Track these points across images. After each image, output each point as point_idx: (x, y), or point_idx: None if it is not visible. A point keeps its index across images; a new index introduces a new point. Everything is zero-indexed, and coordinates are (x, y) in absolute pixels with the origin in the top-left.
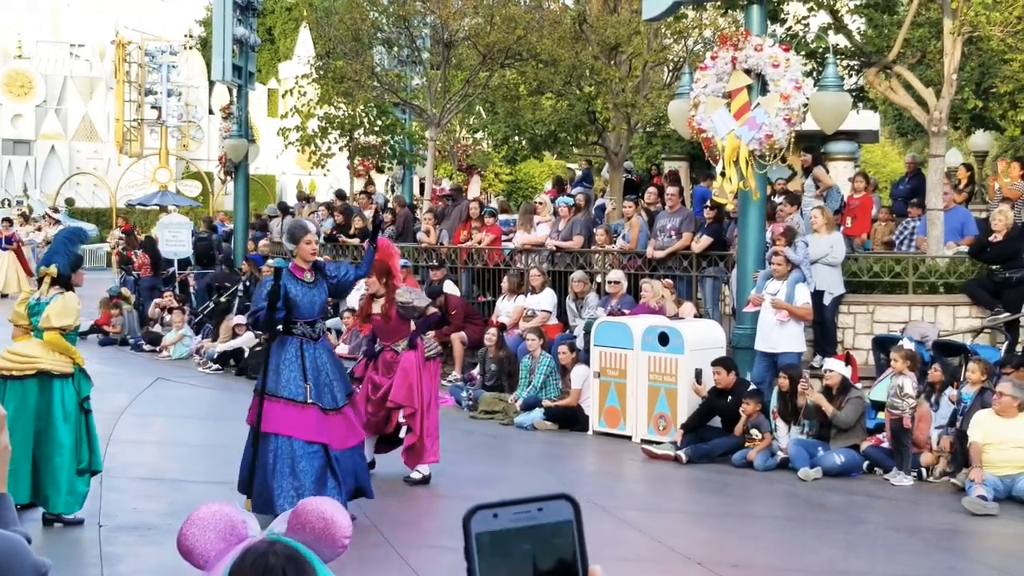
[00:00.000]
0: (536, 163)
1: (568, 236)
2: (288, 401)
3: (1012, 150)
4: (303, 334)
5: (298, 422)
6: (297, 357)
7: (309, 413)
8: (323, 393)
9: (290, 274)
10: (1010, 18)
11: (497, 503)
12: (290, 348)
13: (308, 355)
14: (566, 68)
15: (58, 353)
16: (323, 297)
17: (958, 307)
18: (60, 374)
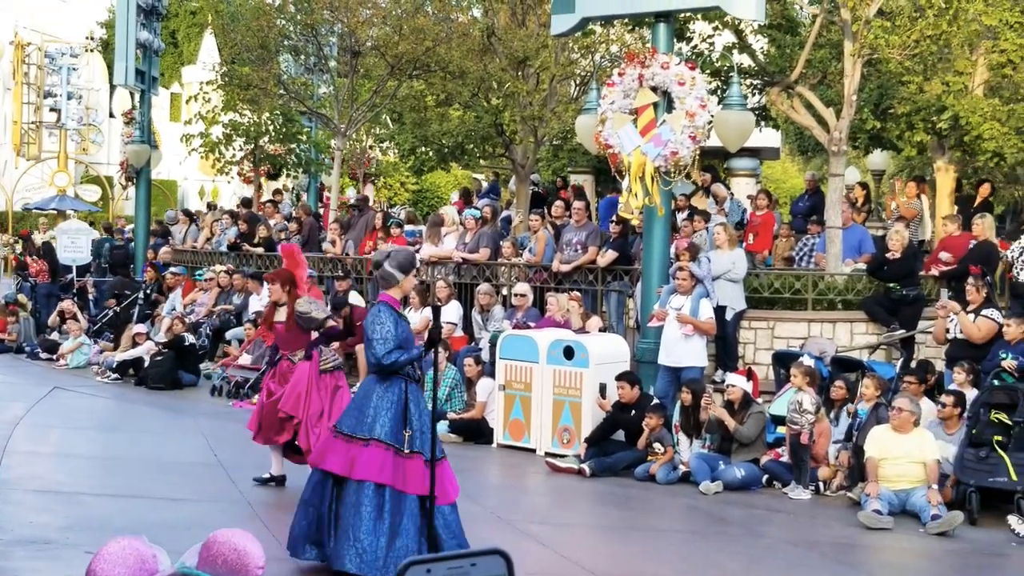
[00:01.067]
0: (443, 174)
1: (475, 248)
2: (379, 443)
3: (908, 170)
4: (408, 375)
5: (389, 467)
6: (400, 399)
7: (398, 459)
8: (427, 442)
9: (391, 308)
10: (908, 41)
11: (430, 558)
12: (393, 389)
13: (412, 396)
14: (474, 80)
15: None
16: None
17: (856, 323)
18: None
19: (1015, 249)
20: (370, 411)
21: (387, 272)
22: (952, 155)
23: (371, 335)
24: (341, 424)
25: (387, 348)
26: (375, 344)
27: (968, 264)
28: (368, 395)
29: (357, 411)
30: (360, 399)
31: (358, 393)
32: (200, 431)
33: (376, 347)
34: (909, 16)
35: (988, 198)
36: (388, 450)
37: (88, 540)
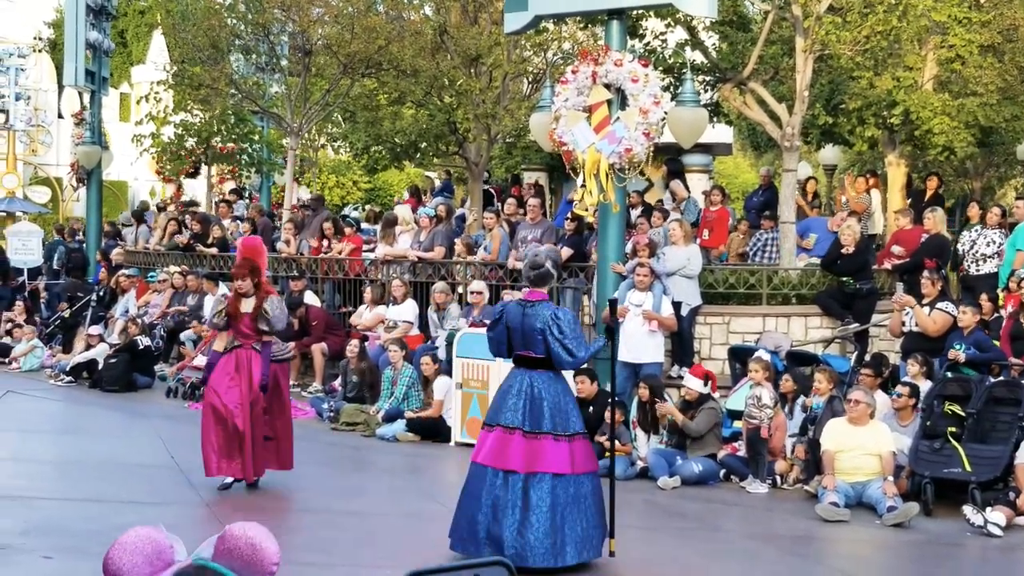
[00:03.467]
0: (396, 172)
1: (429, 247)
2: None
3: (860, 164)
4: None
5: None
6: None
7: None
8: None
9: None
10: (859, 37)
11: (434, 569)
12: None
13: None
14: (427, 79)
15: None
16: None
17: (810, 318)
18: None
19: (966, 242)
20: (567, 408)
21: (548, 272)
22: (903, 149)
23: (570, 334)
24: (537, 424)
25: (584, 346)
26: (572, 342)
27: (922, 257)
28: (565, 392)
29: (552, 409)
30: (555, 398)
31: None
32: (156, 433)
33: (575, 346)
34: (859, 12)
35: (938, 191)
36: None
37: (46, 545)
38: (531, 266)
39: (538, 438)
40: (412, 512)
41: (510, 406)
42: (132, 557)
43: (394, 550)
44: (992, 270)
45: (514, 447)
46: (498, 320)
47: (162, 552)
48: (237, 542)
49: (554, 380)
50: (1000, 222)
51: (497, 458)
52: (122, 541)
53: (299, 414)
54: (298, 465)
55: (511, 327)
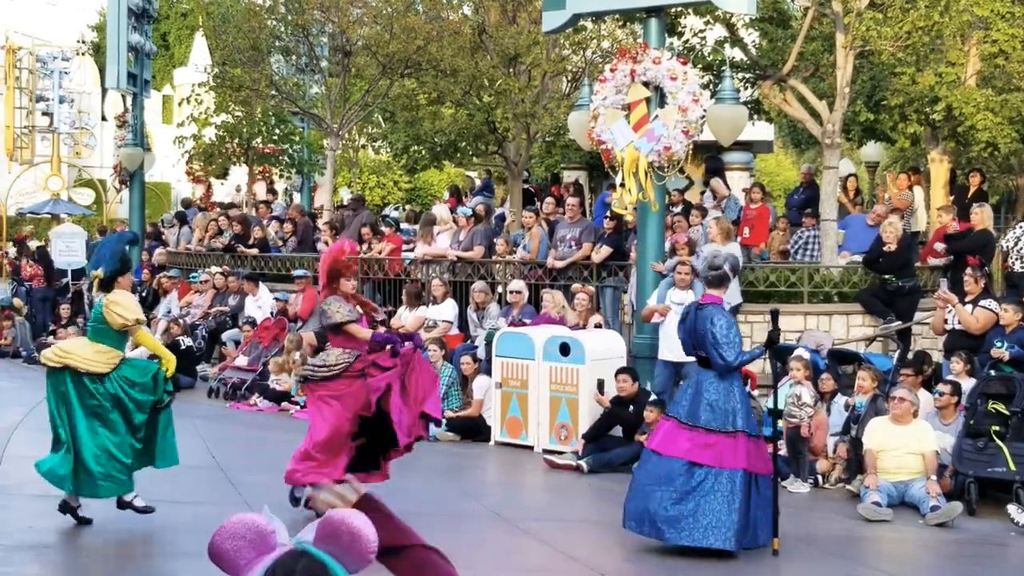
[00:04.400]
0: (436, 172)
1: (469, 246)
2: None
3: (902, 161)
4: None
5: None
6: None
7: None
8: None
9: (719, 305)
10: (900, 33)
11: None
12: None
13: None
14: (466, 78)
15: (99, 351)
16: None
17: (852, 316)
18: (86, 372)
19: (1010, 239)
20: (734, 405)
21: (724, 274)
22: (946, 146)
23: (722, 339)
24: (698, 419)
25: (736, 351)
26: (724, 348)
27: (967, 253)
28: (730, 392)
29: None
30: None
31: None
32: (198, 433)
33: (726, 351)
34: (901, 7)
35: (981, 188)
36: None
37: (87, 545)
38: (709, 267)
39: (695, 431)
40: (454, 513)
41: (678, 399)
42: (234, 542)
43: (446, 551)
44: None
45: (680, 437)
46: (683, 320)
47: (265, 537)
48: (337, 528)
49: (720, 379)
50: None
51: (663, 445)
52: (224, 527)
53: None
54: None
55: (687, 328)
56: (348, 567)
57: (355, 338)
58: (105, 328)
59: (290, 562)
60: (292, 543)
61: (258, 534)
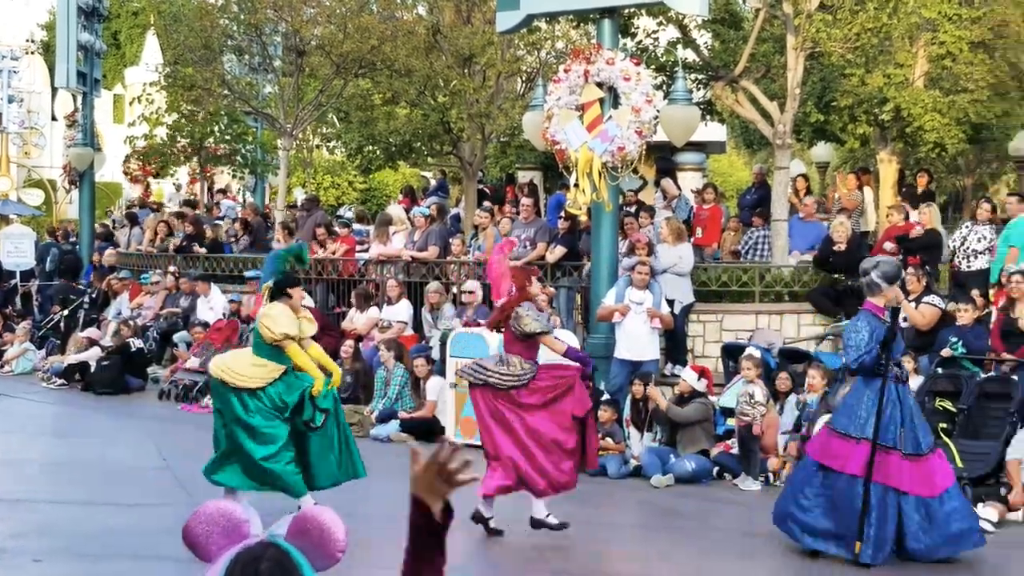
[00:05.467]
0: (390, 172)
1: (423, 247)
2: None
3: (852, 161)
4: (896, 376)
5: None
6: (892, 401)
7: (891, 458)
8: (911, 437)
9: (871, 316)
10: (849, 34)
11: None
12: (879, 389)
13: (903, 399)
14: (420, 78)
15: (256, 365)
16: (900, 338)
17: (802, 315)
18: (232, 386)
19: (957, 238)
20: (862, 412)
21: (872, 281)
22: (894, 146)
23: (846, 342)
24: (836, 424)
25: (855, 356)
26: (849, 351)
27: (916, 252)
28: (859, 397)
29: (850, 411)
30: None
31: (851, 396)
32: (148, 436)
33: (849, 353)
34: (850, 9)
35: (929, 188)
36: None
37: (40, 547)
38: (862, 273)
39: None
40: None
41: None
42: (207, 527)
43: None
44: (983, 266)
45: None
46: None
47: (238, 526)
48: (309, 524)
49: (860, 384)
50: (991, 218)
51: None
52: (199, 512)
53: None
54: None
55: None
56: (316, 564)
57: (534, 349)
58: (261, 341)
59: (258, 550)
60: (266, 535)
61: (231, 522)
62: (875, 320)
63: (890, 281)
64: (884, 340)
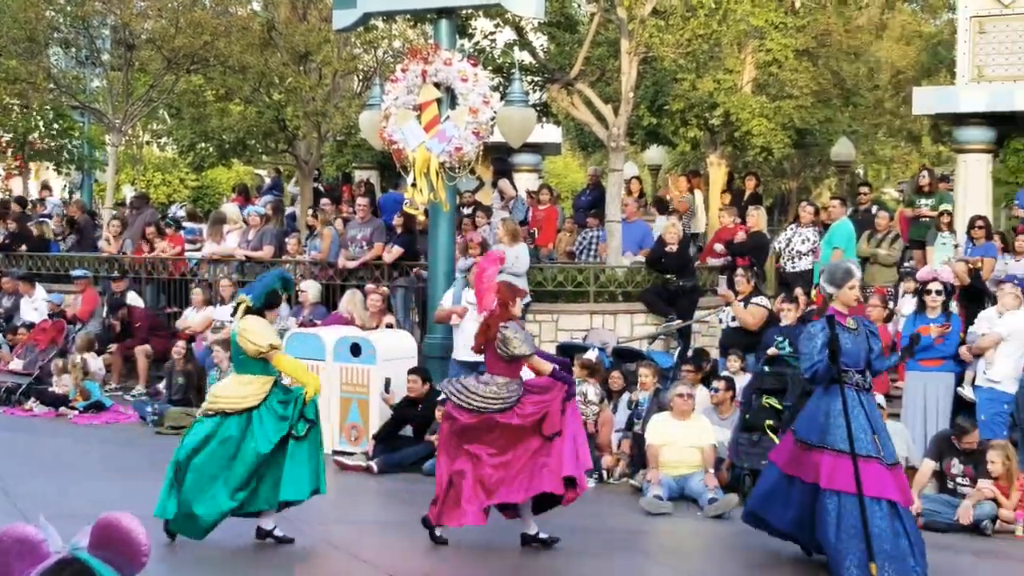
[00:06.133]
0: (224, 170)
1: (258, 246)
2: (865, 458)
3: (683, 164)
4: (857, 384)
5: (868, 478)
6: (855, 408)
7: (872, 467)
8: (886, 445)
9: (826, 323)
10: (681, 40)
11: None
12: (842, 400)
13: (867, 406)
14: (255, 75)
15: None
16: (866, 345)
17: (636, 315)
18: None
19: (782, 240)
20: (820, 417)
21: (823, 289)
22: (724, 150)
23: (801, 349)
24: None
25: (807, 364)
26: (802, 358)
27: (745, 254)
28: (818, 405)
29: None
30: (812, 409)
31: (811, 403)
32: None
33: (802, 362)
34: (682, 16)
35: (757, 191)
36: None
37: None
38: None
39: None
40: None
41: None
42: (4, 557)
43: (233, 556)
44: (807, 267)
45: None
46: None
47: (35, 547)
48: (112, 532)
49: (819, 392)
50: (813, 220)
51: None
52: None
53: (121, 418)
54: (124, 472)
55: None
56: (124, 571)
57: (518, 368)
58: (245, 357)
59: (55, 569)
60: (67, 549)
61: (26, 545)
62: (829, 327)
63: (836, 285)
64: (829, 347)
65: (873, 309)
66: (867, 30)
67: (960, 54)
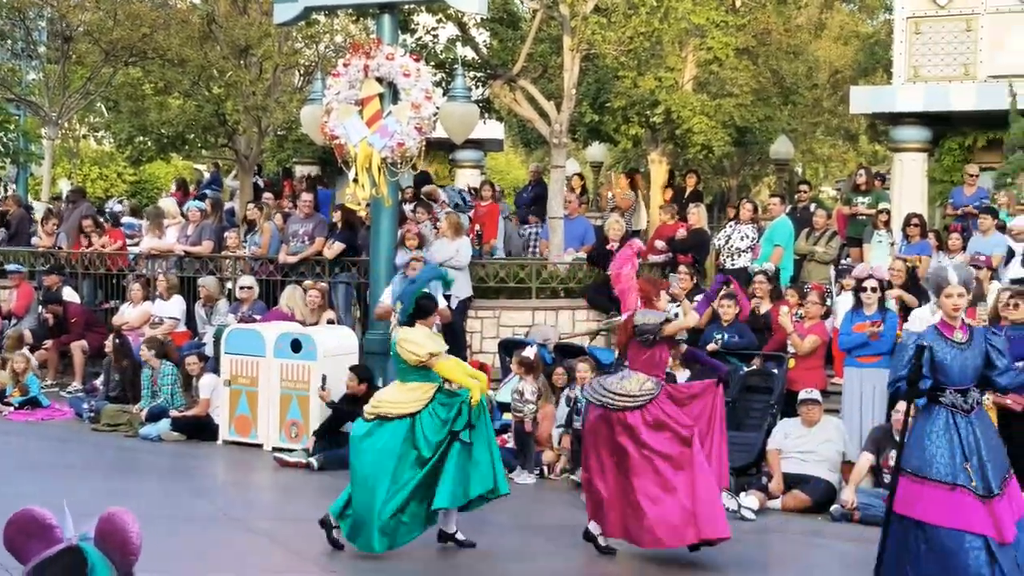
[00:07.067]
0: (162, 164)
1: (197, 241)
2: (936, 483)
3: (625, 162)
4: (952, 404)
5: (949, 509)
6: (947, 431)
7: (960, 498)
8: (977, 476)
9: (938, 333)
10: (623, 37)
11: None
12: (938, 420)
13: (962, 429)
14: (194, 68)
15: (408, 390)
16: (977, 361)
17: (577, 311)
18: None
19: (722, 237)
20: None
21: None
22: (665, 148)
23: (892, 360)
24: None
25: (894, 375)
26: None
27: (686, 251)
28: (913, 428)
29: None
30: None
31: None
32: None
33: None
34: (624, 13)
35: (697, 188)
36: (936, 486)
37: None
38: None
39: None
40: (183, 515)
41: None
42: (19, 536)
43: (177, 553)
44: (746, 264)
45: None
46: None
47: (47, 530)
48: (114, 526)
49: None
50: (753, 217)
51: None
52: (11, 520)
53: (57, 415)
54: (61, 468)
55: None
56: (118, 565)
57: (655, 365)
58: (406, 366)
59: (54, 557)
60: (76, 538)
61: (40, 528)
62: (936, 338)
63: (934, 293)
64: (912, 366)
65: (812, 306)
66: (806, 29)
67: (896, 54)
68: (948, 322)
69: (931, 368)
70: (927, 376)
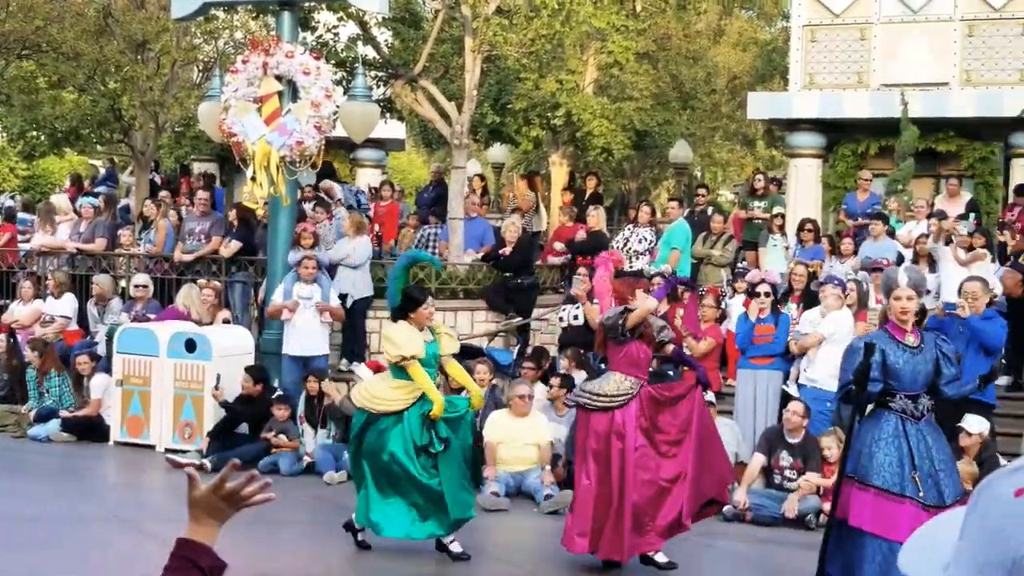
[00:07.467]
0: (56, 159)
1: (90, 238)
2: (879, 491)
3: (526, 163)
4: (902, 410)
5: (891, 519)
6: (896, 437)
7: (904, 509)
8: (927, 485)
9: (889, 336)
10: (524, 40)
11: None
12: (886, 426)
13: (912, 437)
14: (90, 62)
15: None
16: (929, 367)
17: (476, 312)
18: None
19: (620, 239)
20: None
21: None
22: (565, 150)
23: (841, 363)
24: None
25: (840, 381)
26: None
27: (584, 253)
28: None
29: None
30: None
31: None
32: None
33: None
34: (525, 15)
35: (597, 191)
36: (879, 495)
37: None
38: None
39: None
40: (73, 516)
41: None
42: None
43: (64, 555)
44: (644, 266)
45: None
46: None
47: None
48: None
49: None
50: (651, 220)
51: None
52: None
53: None
54: None
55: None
56: None
57: (641, 364)
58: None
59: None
60: None
61: None
62: (887, 341)
63: (884, 294)
64: (856, 374)
65: (708, 309)
66: (705, 35)
67: (793, 61)
68: (899, 325)
69: (882, 371)
70: (878, 379)
